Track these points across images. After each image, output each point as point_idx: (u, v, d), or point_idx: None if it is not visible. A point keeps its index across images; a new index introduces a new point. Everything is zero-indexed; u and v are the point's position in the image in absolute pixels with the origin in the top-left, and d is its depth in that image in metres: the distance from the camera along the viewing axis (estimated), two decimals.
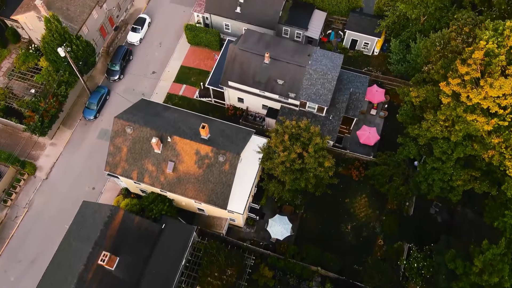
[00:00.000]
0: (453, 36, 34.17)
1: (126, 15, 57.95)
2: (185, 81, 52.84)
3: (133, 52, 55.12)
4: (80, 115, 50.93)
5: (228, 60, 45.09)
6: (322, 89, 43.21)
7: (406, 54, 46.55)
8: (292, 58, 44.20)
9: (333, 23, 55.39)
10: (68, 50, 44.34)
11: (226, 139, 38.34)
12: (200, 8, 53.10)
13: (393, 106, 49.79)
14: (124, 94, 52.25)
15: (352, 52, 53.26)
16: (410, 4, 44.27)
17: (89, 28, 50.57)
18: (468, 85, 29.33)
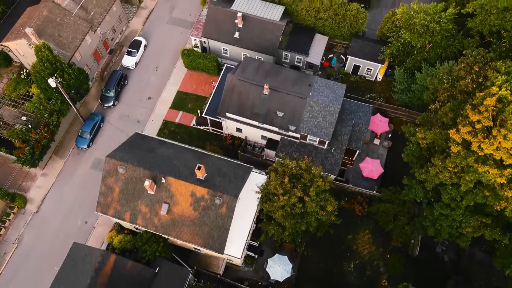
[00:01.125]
0: (462, 75, 32.44)
1: (122, 37, 56.22)
2: (182, 108, 51.09)
3: (129, 76, 53.39)
4: (73, 144, 49.16)
5: (226, 90, 43.35)
6: (324, 122, 41.46)
7: (411, 83, 44.80)
8: (293, 89, 42.49)
9: (335, 46, 53.66)
10: (60, 81, 42.58)
11: (223, 178, 36.57)
12: (197, 32, 51.37)
13: (397, 136, 48.03)
14: (119, 121, 50.50)
15: (354, 77, 51.51)
16: (415, 33, 42.54)
17: (82, 54, 48.83)
18: (479, 134, 27.59)
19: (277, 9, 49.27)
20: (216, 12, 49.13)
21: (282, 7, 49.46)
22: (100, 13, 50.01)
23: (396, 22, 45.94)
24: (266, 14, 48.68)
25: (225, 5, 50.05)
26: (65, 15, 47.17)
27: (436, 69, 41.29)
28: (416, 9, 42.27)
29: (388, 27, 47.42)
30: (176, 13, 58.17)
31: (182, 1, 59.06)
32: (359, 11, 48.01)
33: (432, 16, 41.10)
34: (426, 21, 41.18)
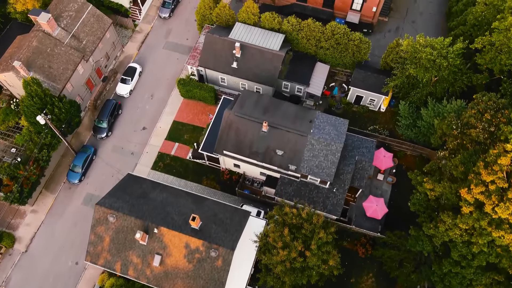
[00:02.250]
0: (472, 122, 30.51)
1: (116, 63, 54.31)
2: (177, 139, 49.15)
3: (123, 105, 51.47)
4: (64, 178, 47.23)
5: (223, 127, 41.44)
6: (325, 162, 39.55)
7: (416, 118, 42.86)
8: (293, 126, 40.59)
9: (337, 74, 51.76)
10: (49, 118, 40.68)
11: (219, 227, 34.62)
12: (194, 61, 49.46)
13: (402, 171, 46.09)
14: (112, 154, 48.57)
15: (357, 107, 49.62)
16: (421, 67, 40.65)
17: (73, 85, 46.94)
18: (493, 195, 25.67)
19: (276, 37, 47.40)
20: (213, 40, 47.24)
21: (282, 36, 47.60)
22: (93, 41, 48.13)
23: (401, 53, 44.05)
24: (265, 43, 46.82)
25: (222, 33, 48.20)
26: (56, 45, 45.28)
27: (443, 106, 39.37)
28: (422, 43, 40.39)
29: (392, 58, 45.50)
30: (173, 37, 56.29)
31: (178, 24, 57.21)
32: (362, 40, 46.11)
33: (439, 51, 39.21)
34: (433, 55, 39.29)
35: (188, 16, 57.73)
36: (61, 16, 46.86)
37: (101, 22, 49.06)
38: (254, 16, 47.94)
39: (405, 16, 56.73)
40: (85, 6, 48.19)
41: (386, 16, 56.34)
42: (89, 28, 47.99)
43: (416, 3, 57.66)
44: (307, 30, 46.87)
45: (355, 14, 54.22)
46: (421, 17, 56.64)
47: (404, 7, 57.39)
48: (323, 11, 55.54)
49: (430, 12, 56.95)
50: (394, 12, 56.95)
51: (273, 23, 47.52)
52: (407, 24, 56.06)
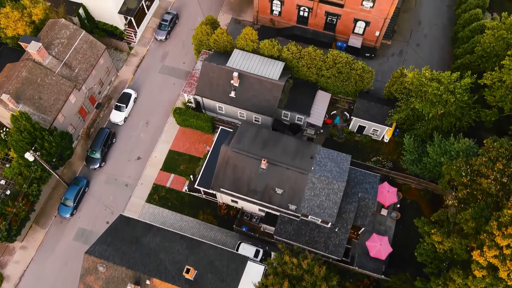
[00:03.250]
0: (483, 171, 28.72)
1: (110, 88, 52.58)
2: (173, 170, 47.38)
3: (117, 133, 49.71)
4: (55, 211, 45.47)
5: (220, 164, 39.67)
6: (327, 201, 37.77)
7: (421, 153, 41.05)
8: (293, 162, 38.82)
9: (338, 102, 49.99)
10: (38, 154, 38.97)
11: (215, 276, 32.85)
12: (190, 89, 47.71)
13: (406, 205, 44.36)
14: (106, 185, 46.81)
15: (359, 136, 47.84)
16: (427, 102, 38.92)
17: (65, 115, 45.20)
18: (509, 260, 23.90)
19: (276, 65, 45.66)
20: (210, 69, 45.49)
21: (282, 63, 45.87)
22: (86, 69, 46.40)
23: (406, 84, 42.29)
24: (264, 71, 45.08)
25: (220, 60, 46.48)
26: (47, 74, 43.56)
27: (450, 143, 37.58)
28: (428, 76, 38.63)
29: (396, 88, 43.73)
30: (169, 61, 54.54)
31: (175, 47, 55.48)
32: (365, 70, 44.35)
33: (446, 86, 37.45)
34: (440, 90, 37.53)
35: (185, 38, 56.03)
36: (53, 44, 45.16)
37: (94, 49, 47.33)
38: (253, 43, 46.22)
39: (409, 39, 54.98)
40: (78, 33, 46.49)
41: (390, 39, 54.58)
42: (81, 55, 46.26)
43: (420, 25, 55.89)
44: (307, 58, 45.13)
45: (357, 38, 52.48)
46: (426, 40, 54.89)
47: (408, 29, 55.64)
48: (324, 34, 53.82)
49: (434, 35, 55.20)
50: (397, 34, 55.17)
51: (273, 50, 45.80)
52: (411, 48, 54.30)
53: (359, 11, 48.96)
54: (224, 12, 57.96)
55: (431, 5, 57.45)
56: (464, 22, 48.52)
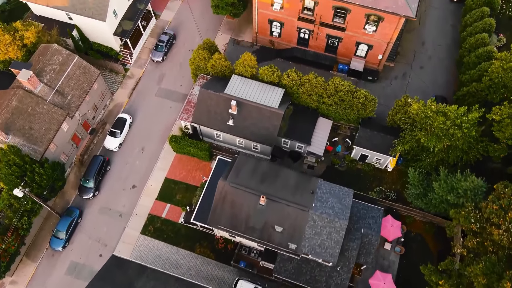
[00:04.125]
0: (494, 220, 27.15)
1: (105, 112, 51.01)
2: (169, 199, 45.81)
3: (111, 160, 48.13)
4: (47, 243, 43.85)
5: (217, 199, 38.10)
6: (329, 241, 36.18)
7: (427, 187, 39.44)
8: (293, 198, 37.26)
9: (340, 128, 48.43)
10: (28, 190, 37.42)
11: None
12: (187, 116, 46.12)
13: (411, 238, 42.79)
14: (99, 215, 45.22)
15: (361, 164, 46.28)
16: (432, 136, 37.35)
17: (57, 144, 43.64)
18: None
19: (275, 92, 44.11)
20: (207, 96, 43.96)
21: (282, 90, 44.31)
22: (79, 96, 44.86)
23: (410, 114, 40.73)
24: (264, 99, 43.53)
25: (218, 86, 44.96)
26: (38, 103, 42.01)
27: (457, 179, 35.98)
28: (434, 109, 37.07)
29: (400, 117, 42.15)
30: (166, 83, 53.02)
31: (172, 69, 53.98)
32: (367, 98, 42.80)
33: (453, 120, 35.89)
34: (446, 125, 35.99)
35: (182, 59, 54.52)
36: (44, 71, 43.63)
37: (88, 74, 45.80)
38: (252, 68, 44.67)
39: (413, 61, 53.46)
40: (71, 58, 44.96)
41: (393, 61, 53.03)
42: (74, 81, 44.72)
43: (424, 46, 54.37)
44: (308, 86, 43.60)
45: (359, 60, 50.95)
46: (430, 61, 53.37)
47: (412, 50, 54.12)
48: (325, 56, 52.33)
49: (439, 56, 53.67)
50: (401, 56, 53.63)
51: (272, 77, 44.25)
52: (415, 70, 52.77)
53: (362, 35, 47.47)
54: (223, 32, 56.46)
55: (435, 24, 56.00)
56: (470, 47, 46.99)
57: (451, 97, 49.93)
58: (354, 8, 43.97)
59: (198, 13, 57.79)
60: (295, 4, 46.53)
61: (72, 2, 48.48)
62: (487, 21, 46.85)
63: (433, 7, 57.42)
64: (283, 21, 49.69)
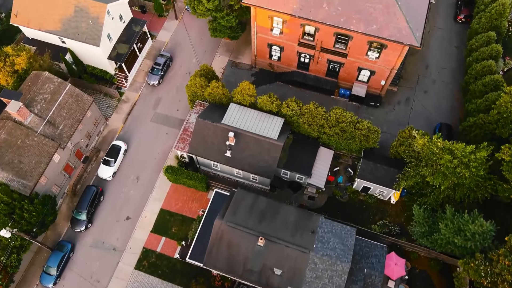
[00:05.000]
0: (506, 277, 25.53)
1: (99, 139, 49.41)
2: (164, 232, 44.19)
3: (105, 190, 46.52)
4: (37, 279, 42.09)
5: (213, 238, 36.53)
6: (330, 284, 34.57)
7: (432, 224, 37.76)
8: (293, 239, 35.69)
9: (342, 157, 46.82)
10: (15, 231, 35.83)
11: None
12: (183, 145, 44.55)
13: (415, 275, 41.12)
14: (92, 249, 43.57)
15: (364, 196, 44.68)
16: (438, 174, 35.76)
17: (49, 177, 42.05)
18: None
19: (275, 122, 42.52)
20: (204, 126, 42.37)
21: (281, 120, 42.74)
22: (71, 125, 43.29)
23: (414, 147, 39.13)
24: (262, 129, 41.94)
25: (215, 115, 43.38)
26: (28, 135, 40.44)
27: (465, 220, 34.34)
28: (440, 146, 35.45)
29: (404, 149, 40.53)
30: (162, 108, 51.45)
31: (168, 92, 52.43)
32: (370, 129, 41.20)
33: (460, 159, 34.28)
34: (453, 163, 34.41)
35: (179, 83, 52.99)
36: (35, 100, 42.08)
37: (81, 102, 44.25)
38: (250, 97, 43.11)
39: (416, 85, 51.88)
40: (63, 86, 43.42)
41: (396, 85, 51.47)
42: (66, 110, 43.16)
43: (428, 70, 52.80)
44: (308, 116, 42.02)
45: (361, 86, 49.40)
46: (434, 85, 51.79)
47: (415, 74, 52.55)
48: (326, 80, 50.77)
49: (443, 80, 52.10)
50: (404, 80, 52.06)
51: (271, 106, 42.67)
52: (419, 94, 51.19)
53: (364, 61, 45.93)
54: (221, 54, 54.91)
55: (439, 46, 54.45)
56: (476, 74, 45.42)
57: (456, 123, 48.41)
58: (356, 35, 42.44)
59: (196, 34, 56.28)
60: (295, 29, 44.99)
61: (64, 26, 46.97)
62: (494, 47, 45.29)
63: (437, 27, 55.92)
64: (283, 46, 48.16)
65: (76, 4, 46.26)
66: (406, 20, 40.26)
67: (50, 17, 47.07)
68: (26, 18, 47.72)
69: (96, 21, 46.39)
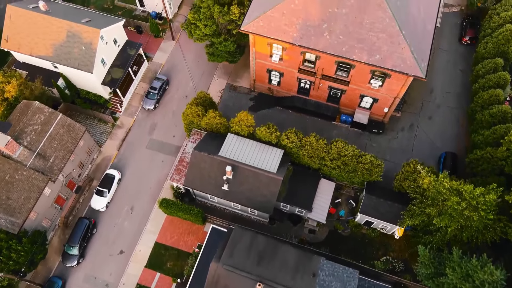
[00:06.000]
0: None
1: (92, 167, 47.80)
2: (159, 267, 42.55)
3: (98, 221, 44.90)
4: None
5: (209, 281, 34.83)
6: None
7: (438, 265, 36.09)
8: (293, 283, 34.03)
9: (343, 188, 45.20)
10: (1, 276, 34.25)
11: None
12: (179, 177, 42.92)
13: None
14: (84, 284, 41.93)
15: (367, 229, 43.06)
16: (445, 215, 34.13)
17: (38, 211, 40.45)
18: None
19: (274, 154, 40.93)
20: (200, 159, 40.76)
21: (281, 151, 41.15)
22: (63, 157, 41.68)
23: (419, 183, 37.50)
24: (261, 161, 40.32)
25: (212, 146, 41.80)
26: (17, 169, 38.85)
27: (473, 265, 32.67)
28: (447, 186, 33.82)
29: (408, 184, 38.91)
30: (158, 134, 49.82)
31: (164, 117, 50.79)
32: (373, 163, 39.58)
33: (469, 201, 32.66)
34: (461, 206, 32.79)
35: (176, 107, 51.40)
36: (25, 132, 40.51)
37: (73, 132, 42.66)
38: (249, 127, 41.50)
39: (420, 111, 50.24)
40: (54, 116, 41.83)
41: (399, 111, 49.85)
42: (58, 142, 41.57)
43: (432, 94, 51.17)
44: (309, 149, 40.41)
45: (364, 112, 47.80)
46: (439, 111, 50.16)
47: (419, 99, 50.91)
48: (327, 106, 49.17)
49: (448, 105, 50.48)
50: (408, 105, 50.43)
51: (270, 138, 41.06)
52: (423, 121, 49.54)
53: (366, 89, 44.34)
54: (218, 77, 53.33)
55: (443, 69, 52.82)
56: (483, 102, 43.81)
57: (461, 151, 46.82)
58: (358, 64, 40.83)
59: (193, 55, 54.69)
60: (295, 56, 43.40)
61: (56, 52, 45.41)
62: (502, 75, 43.68)
63: (442, 49, 54.29)
64: (283, 72, 46.58)
65: (69, 29, 44.70)
66: (411, 50, 38.67)
67: (42, 42, 45.51)
68: (16, 43, 46.17)
69: (89, 47, 44.81)
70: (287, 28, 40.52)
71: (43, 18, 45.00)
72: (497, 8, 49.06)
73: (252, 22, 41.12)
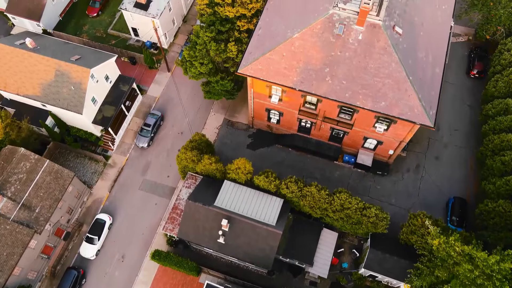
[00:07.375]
0: None
1: (82, 210, 45.49)
2: None
3: (87, 270, 42.56)
4: None
5: None
6: None
7: None
8: None
9: (346, 236, 42.88)
10: None
11: None
12: (172, 226, 40.57)
13: None
14: None
15: (371, 282, 40.72)
16: (457, 280, 31.75)
17: (23, 266, 38.14)
18: None
19: (273, 204, 38.62)
20: (195, 209, 38.40)
21: (280, 201, 38.86)
22: (50, 206, 39.39)
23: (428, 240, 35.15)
24: (259, 213, 37.99)
25: (207, 194, 39.51)
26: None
27: None
28: (458, 250, 31.48)
29: (416, 240, 36.58)
30: (151, 174, 47.51)
31: (158, 156, 48.48)
32: (378, 217, 37.21)
33: (482, 269, 30.34)
34: (473, 273, 30.47)
35: (171, 145, 49.12)
36: (8, 182, 38.26)
37: (61, 179, 40.38)
38: (246, 175, 39.22)
39: (427, 150, 47.91)
40: (40, 164, 39.58)
41: (405, 151, 47.53)
42: (44, 190, 39.29)
43: (439, 133, 48.80)
44: (310, 199, 38.11)
45: (367, 153, 45.52)
46: (446, 150, 47.82)
47: (425, 137, 48.56)
48: (329, 146, 46.86)
49: (456, 144, 48.15)
50: (413, 144, 48.04)
51: (270, 186, 38.77)
52: (429, 161, 47.20)
53: (371, 132, 42.06)
54: (216, 112, 51.06)
55: (451, 104, 50.44)
56: (494, 147, 41.45)
57: (470, 195, 44.52)
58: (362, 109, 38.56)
59: (189, 89, 52.44)
60: (296, 98, 41.15)
61: (44, 91, 43.20)
62: None
63: (448, 82, 51.87)
64: (282, 111, 44.33)
65: (57, 68, 42.49)
66: (418, 97, 36.38)
67: (29, 81, 43.31)
68: (3, 81, 43.95)
69: (79, 87, 42.57)
70: (287, 71, 38.26)
71: (30, 56, 42.82)
72: (508, 44, 46.75)
73: (250, 65, 38.86)
